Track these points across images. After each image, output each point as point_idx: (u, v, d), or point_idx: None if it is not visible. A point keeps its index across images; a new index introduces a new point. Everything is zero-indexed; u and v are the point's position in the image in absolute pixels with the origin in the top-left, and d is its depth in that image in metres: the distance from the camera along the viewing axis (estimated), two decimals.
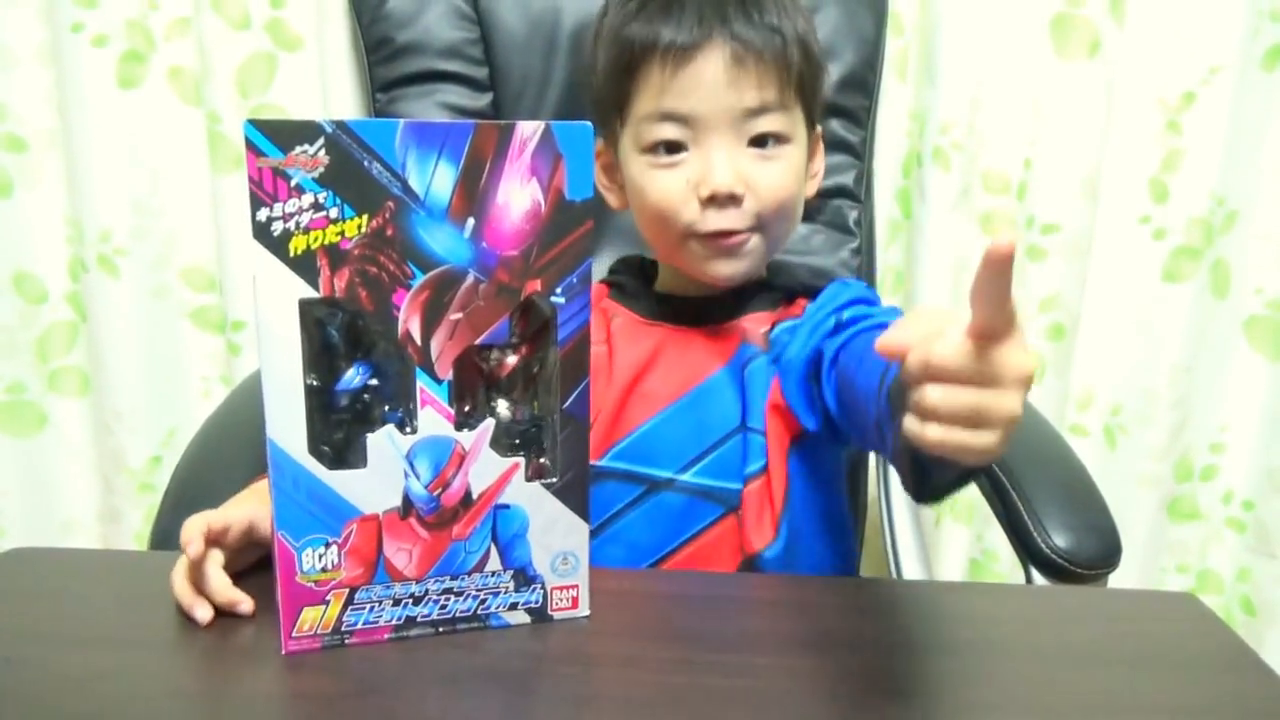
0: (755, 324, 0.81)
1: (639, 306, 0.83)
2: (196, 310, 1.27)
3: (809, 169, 0.81)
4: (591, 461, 0.75)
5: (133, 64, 1.19)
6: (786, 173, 0.76)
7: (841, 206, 1.14)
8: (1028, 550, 0.81)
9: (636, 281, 0.85)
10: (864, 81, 1.13)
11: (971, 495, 1.34)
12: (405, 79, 1.10)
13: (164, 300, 1.27)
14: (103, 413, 1.28)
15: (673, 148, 0.75)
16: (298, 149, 0.52)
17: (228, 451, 0.86)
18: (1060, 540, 0.79)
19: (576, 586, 0.63)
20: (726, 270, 0.78)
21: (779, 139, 0.76)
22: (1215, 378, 1.42)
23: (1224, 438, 1.44)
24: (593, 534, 0.77)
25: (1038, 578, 0.81)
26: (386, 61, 1.09)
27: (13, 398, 1.26)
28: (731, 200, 0.74)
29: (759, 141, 0.75)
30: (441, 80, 1.10)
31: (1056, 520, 0.80)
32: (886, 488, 1.11)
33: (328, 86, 1.23)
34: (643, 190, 0.76)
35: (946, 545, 1.39)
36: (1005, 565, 1.42)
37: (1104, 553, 0.79)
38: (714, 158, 0.73)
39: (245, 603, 0.61)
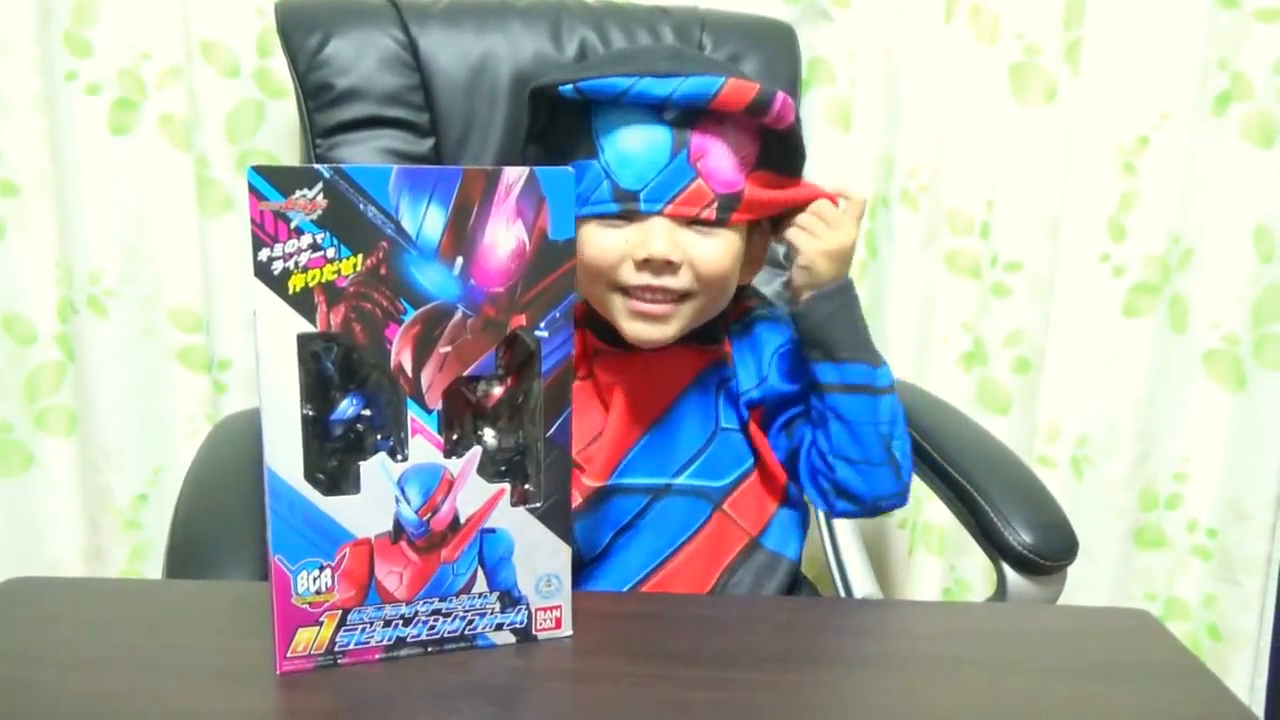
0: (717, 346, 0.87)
1: (612, 336, 0.85)
2: (184, 350, 1.29)
3: (748, 254, 0.84)
4: (601, 483, 0.82)
5: (125, 111, 1.23)
6: (723, 249, 0.79)
7: (771, 242, 1.19)
8: (999, 549, 0.88)
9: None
10: None
11: (943, 525, 1.38)
12: (346, 125, 1.09)
13: (152, 340, 1.29)
14: (89, 452, 1.30)
15: (619, 214, 0.78)
16: (298, 193, 0.55)
17: (225, 502, 0.86)
18: (1028, 537, 0.88)
19: (560, 607, 0.66)
20: (648, 334, 0.80)
21: (719, 223, 0.79)
22: (1177, 409, 1.47)
23: (1187, 468, 1.49)
24: (610, 542, 0.83)
25: (1010, 574, 0.88)
26: (326, 108, 1.08)
27: (0, 437, 1.27)
28: (667, 267, 0.77)
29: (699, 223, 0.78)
30: (383, 126, 1.09)
31: (1022, 520, 0.89)
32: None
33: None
34: (582, 243, 0.78)
35: (920, 575, 1.42)
36: (978, 595, 1.45)
37: (1065, 546, 0.89)
38: (654, 228, 0.76)
39: None
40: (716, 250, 0.79)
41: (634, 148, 0.77)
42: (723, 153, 0.78)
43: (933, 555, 1.41)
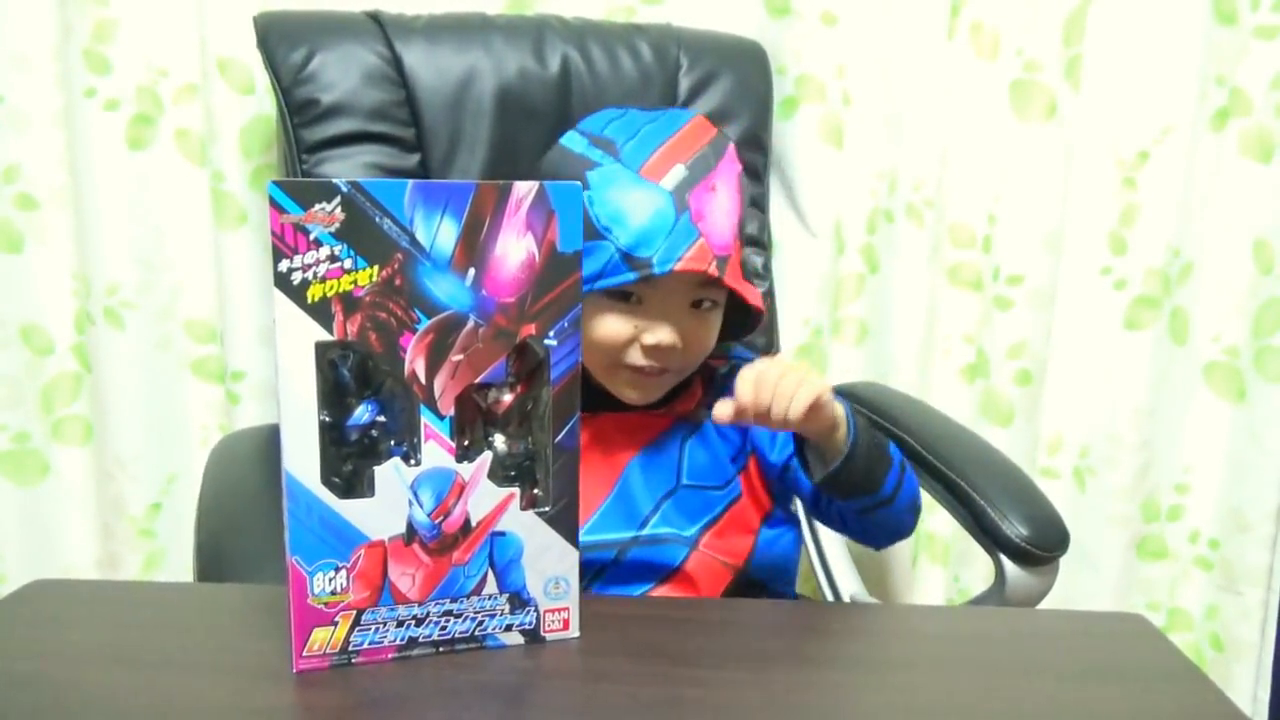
0: (682, 405, 0.90)
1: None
2: (198, 361, 1.31)
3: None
4: None
5: (142, 126, 1.25)
6: (711, 331, 0.86)
7: (749, 254, 1.23)
8: (997, 542, 0.92)
9: None
10: (759, 139, 1.23)
11: (947, 535, 1.39)
12: (332, 141, 1.09)
13: (167, 351, 1.31)
14: (104, 461, 1.32)
15: (628, 295, 0.82)
16: (316, 206, 0.57)
17: (247, 515, 0.89)
18: (1024, 529, 0.92)
19: (567, 609, 0.67)
20: (639, 397, 0.86)
21: (714, 303, 0.85)
22: (1178, 421, 1.48)
23: (1188, 479, 1.50)
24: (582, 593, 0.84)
25: (1008, 565, 0.91)
26: (311, 124, 1.09)
27: (17, 446, 1.29)
28: (670, 351, 0.83)
29: (697, 303, 0.84)
30: (369, 141, 1.10)
31: (1017, 514, 0.93)
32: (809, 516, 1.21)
33: None
34: (592, 322, 0.83)
35: (923, 585, 1.43)
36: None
37: (1058, 538, 0.93)
38: (664, 320, 0.82)
39: None
40: (707, 333, 0.86)
41: (639, 216, 0.79)
42: (719, 214, 0.82)
43: (936, 565, 1.42)
